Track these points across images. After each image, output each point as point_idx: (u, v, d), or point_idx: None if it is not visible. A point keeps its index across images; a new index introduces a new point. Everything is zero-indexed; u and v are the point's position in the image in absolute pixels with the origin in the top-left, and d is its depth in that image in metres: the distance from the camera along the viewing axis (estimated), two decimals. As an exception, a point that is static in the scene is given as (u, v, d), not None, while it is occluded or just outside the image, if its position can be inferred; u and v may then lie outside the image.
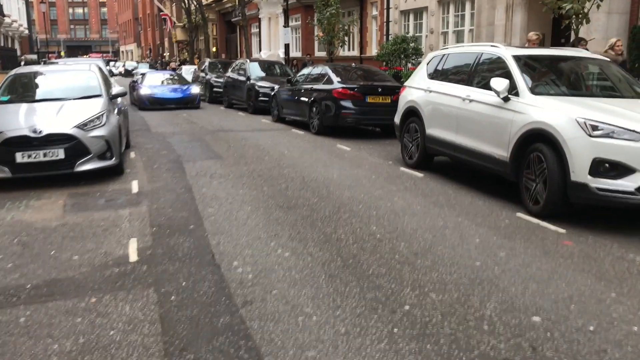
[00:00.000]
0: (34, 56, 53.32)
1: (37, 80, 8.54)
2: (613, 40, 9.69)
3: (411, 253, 4.59)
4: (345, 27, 19.75)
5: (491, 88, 6.32)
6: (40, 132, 6.85)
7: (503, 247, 4.73)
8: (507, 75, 6.39)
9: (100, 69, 9.07)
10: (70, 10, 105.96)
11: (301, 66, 19.63)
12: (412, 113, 8.23)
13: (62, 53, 78.08)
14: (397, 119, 8.72)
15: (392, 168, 8.21)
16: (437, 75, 8.05)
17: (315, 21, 20.28)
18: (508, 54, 6.68)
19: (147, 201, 6.33)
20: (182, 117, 15.34)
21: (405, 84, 9.17)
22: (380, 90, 11.33)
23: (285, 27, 23.72)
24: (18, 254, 4.71)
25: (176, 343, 3.19)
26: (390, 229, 5.22)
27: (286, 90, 13.79)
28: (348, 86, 11.32)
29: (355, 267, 4.28)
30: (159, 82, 18.83)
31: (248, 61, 18.80)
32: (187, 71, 26.79)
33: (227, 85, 18.70)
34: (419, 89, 8.22)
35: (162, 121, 14.47)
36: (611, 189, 5.06)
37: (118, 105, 8.68)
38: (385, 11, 19.37)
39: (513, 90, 6.22)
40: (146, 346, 3.17)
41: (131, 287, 3.98)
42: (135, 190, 6.88)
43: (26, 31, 54.75)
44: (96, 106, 7.63)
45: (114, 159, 7.41)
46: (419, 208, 5.98)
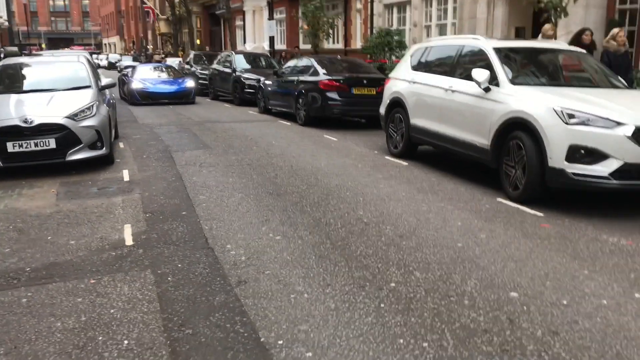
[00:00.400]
0: (15, 48, 52.63)
1: (26, 71, 8.59)
2: (616, 30, 9.07)
3: (396, 235, 4.80)
4: (329, 20, 19.89)
5: (473, 79, 6.54)
6: (31, 122, 6.94)
7: (484, 230, 4.96)
8: (488, 66, 6.62)
9: (88, 60, 9.14)
10: (51, 2, 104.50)
11: (289, 59, 19.73)
12: (397, 104, 8.43)
13: (43, 45, 77.10)
14: (382, 110, 8.93)
15: (378, 157, 8.42)
16: (421, 67, 8.26)
17: (300, 14, 20.39)
18: (489, 46, 6.91)
19: (139, 189, 6.47)
20: (169, 109, 15.43)
21: (389, 76, 9.37)
22: (365, 82, 11.52)
23: (270, 20, 23.78)
24: (15, 240, 4.83)
25: (175, 319, 3.36)
26: (376, 214, 5.42)
27: (272, 82, 13.93)
28: (334, 78, 11.50)
29: (343, 249, 4.48)
30: (152, 75, 17.59)
31: (233, 53, 18.88)
32: (172, 64, 26.76)
33: (213, 77, 18.76)
34: (403, 81, 8.42)
35: (149, 112, 14.52)
36: (586, 174, 5.31)
37: (106, 96, 8.77)
38: (369, 4, 19.53)
39: (494, 80, 6.44)
40: (146, 323, 3.34)
41: (128, 269, 4.14)
42: (126, 178, 7.02)
43: (6, 23, 54.02)
44: (86, 97, 7.73)
45: (105, 149, 7.52)
46: (404, 194, 6.19)
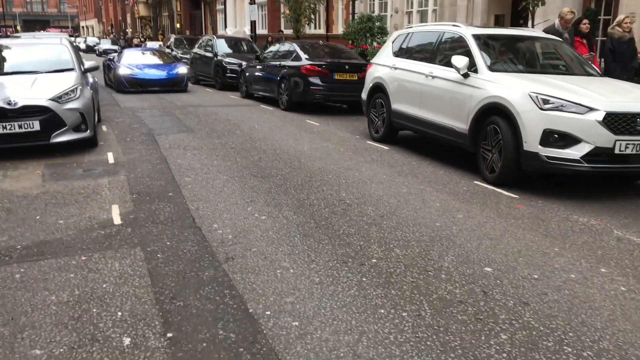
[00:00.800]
0: (-11, 30, 51.57)
1: (8, 53, 8.55)
2: (621, 16, 8.82)
3: (378, 215, 4.98)
4: (311, 6, 19.92)
5: (452, 65, 6.72)
6: (15, 104, 6.96)
7: (461, 210, 5.17)
8: (467, 53, 6.80)
9: (71, 43, 9.12)
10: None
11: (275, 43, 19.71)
12: (378, 89, 8.59)
13: (18, 27, 75.57)
14: (364, 95, 9.08)
15: (360, 142, 8.59)
16: (402, 53, 8.42)
17: (282, -1, 20.40)
18: (468, 33, 7.09)
19: (124, 171, 6.55)
20: (151, 92, 15.35)
21: (371, 61, 9.51)
22: (347, 67, 11.65)
23: (251, 5, 23.70)
24: (3, 219, 4.91)
25: (166, 293, 3.51)
26: (358, 195, 5.60)
27: (254, 66, 13.98)
28: (316, 63, 11.61)
29: (327, 228, 4.65)
30: (141, 60, 16.24)
31: (215, 37, 18.82)
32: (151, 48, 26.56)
33: (194, 61, 18.71)
34: (385, 66, 8.58)
35: (131, 96, 14.48)
36: (559, 158, 5.54)
37: (89, 79, 8.78)
38: (351, -10, 19.62)
39: (472, 67, 6.63)
40: (138, 296, 3.47)
41: (118, 247, 4.26)
42: (111, 161, 7.09)
43: (-20, 4, 52.84)
44: (70, 79, 7.75)
45: (89, 131, 7.56)
46: (385, 177, 6.38)
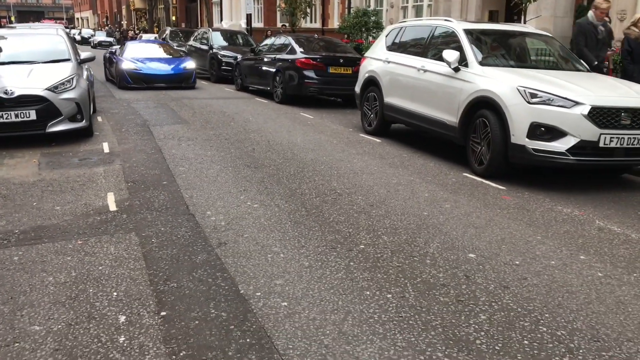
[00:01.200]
0: (-16, 21, 51.33)
1: (5, 43, 8.60)
2: (638, 15, 8.38)
3: (367, 205, 5.11)
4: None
5: (443, 59, 6.85)
6: (11, 94, 7.05)
7: (448, 201, 5.31)
8: (459, 47, 6.93)
9: (67, 34, 9.20)
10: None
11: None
12: (372, 82, 8.71)
13: (12, 18, 75.25)
14: (358, 88, 9.20)
15: (353, 134, 8.72)
16: (395, 47, 8.54)
17: (278, -8, 20.44)
18: (460, 28, 7.21)
19: (120, 160, 6.66)
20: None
21: (365, 55, 9.63)
22: (342, 61, 11.76)
23: (247, -3, 23.75)
24: (1, 205, 5.01)
25: (160, 275, 3.63)
26: (349, 185, 5.73)
27: (250, 59, 14.07)
28: (311, 56, 11.71)
29: (317, 216, 4.78)
30: (145, 54, 15.15)
31: (210, 30, 18.89)
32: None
33: (190, 54, 18.70)
34: (378, 60, 8.70)
35: (126, 88, 14.53)
36: (546, 150, 5.69)
37: (85, 70, 8.86)
38: (347, -16, 19.68)
39: (463, 61, 6.76)
40: (133, 278, 3.59)
41: (114, 232, 4.37)
42: (106, 150, 7.19)
43: (-25, -6, 52.61)
44: (66, 70, 7.84)
45: (84, 121, 7.65)
46: (376, 168, 6.51)
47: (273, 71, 12.53)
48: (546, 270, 3.80)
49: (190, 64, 15.05)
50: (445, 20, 7.91)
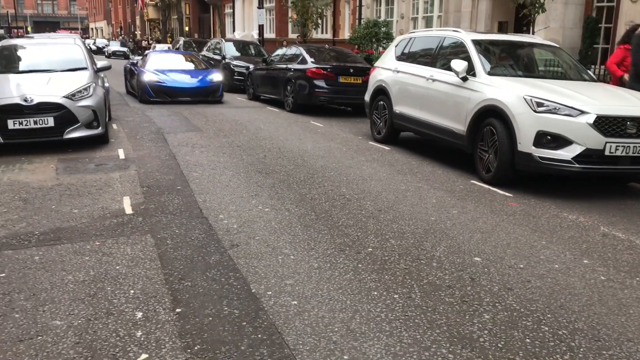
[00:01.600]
0: (1, 31, 52.24)
1: (25, 52, 8.87)
2: None
3: (376, 210, 5.23)
4: (319, 10, 20.21)
5: (452, 69, 6.97)
6: (31, 101, 7.26)
7: (456, 207, 5.41)
8: (467, 57, 7.05)
9: (84, 43, 9.43)
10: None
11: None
12: (381, 92, 8.85)
13: (29, 28, 76.37)
14: (367, 97, 9.35)
15: (362, 142, 8.85)
16: (405, 57, 8.68)
17: (289, 3, 20.68)
18: (468, 39, 7.34)
19: (135, 166, 6.83)
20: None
21: (375, 65, 9.78)
22: (352, 71, 11.92)
23: (259, 9, 24.04)
24: (21, 208, 5.19)
25: (175, 274, 3.77)
26: (358, 191, 5.86)
27: (261, 69, 14.28)
28: (322, 66, 11.88)
29: (326, 220, 4.90)
30: (169, 66, 14.04)
31: (223, 41, 19.16)
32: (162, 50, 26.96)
33: (203, 64, 19.01)
34: (388, 70, 8.84)
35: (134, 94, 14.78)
36: (552, 158, 5.78)
37: (101, 78, 9.08)
38: (358, -5, 19.91)
39: (471, 71, 6.88)
40: (149, 277, 3.73)
41: (130, 234, 4.52)
42: (122, 156, 7.37)
43: (-7, 5, 53.59)
44: (83, 78, 8.05)
45: (101, 128, 7.85)
46: (385, 175, 6.63)
47: (284, 80, 12.71)
48: (550, 273, 3.89)
49: (217, 76, 14.04)
50: (453, 30, 8.05)
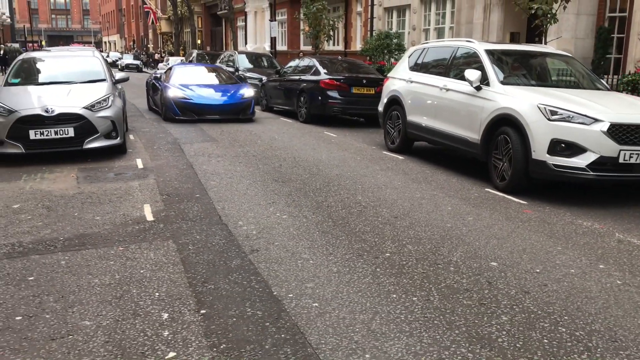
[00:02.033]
0: (16, 45, 53.08)
1: (45, 65, 9.08)
2: None
3: (392, 216, 5.31)
4: (331, 22, 20.42)
5: (465, 79, 7.06)
6: (52, 112, 7.43)
7: (471, 214, 5.48)
8: (480, 67, 7.14)
9: (102, 56, 9.63)
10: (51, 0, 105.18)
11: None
12: (395, 101, 8.95)
13: (43, 42, 77.46)
14: (381, 107, 9.45)
15: (376, 151, 8.94)
16: (418, 67, 8.78)
17: (301, 16, 20.92)
18: (481, 49, 7.43)
19: (154, 175, 6.96)
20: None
21: (388, 75, 9.89)
22: (364, 81, 12.04)
23: (272, 21, 24.32)
24: (45, 215, 5.32)
25: (198, 278, 3.86)
26: (373, 199, 5.94)
27: (274, 81, 14.44)
28: (334, 77, 12.02)
29: (344, 226, 4.99)
30: (195, 80, 12.90)
31: (236, 53, 19.39)
32: (174, 62, 27.30)
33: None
34: (401, 80, 8.94)
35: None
36: (566, 166, 5.83)
37: (119, 90, 9.26)
38: (369, 8, 20.08)
39: (485, 80, 6.96)
40: (173, 280, 3.83)
41: (152, 239, 4.63)
42: (140, 166, 7.51)
43: (9, 20, 54.53)
44: (102, 89, 8.23)
45: (119, 139, 8.01)
46: (399, 183, 6.71)
47: (298, 92, 12.85)
48: (566, 277, 3.94)
49: (248, 92, 12.71)
50: (467, 41, 8.14)
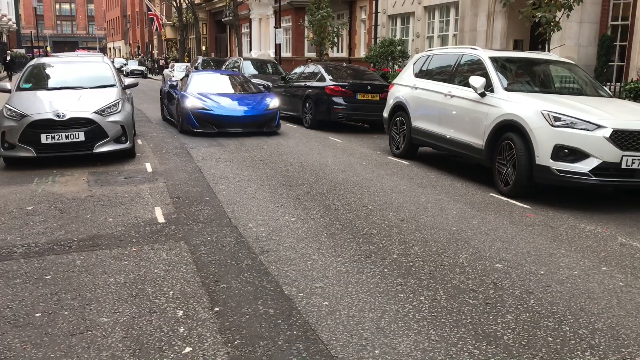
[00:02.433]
0: (22, 51, 53.35)
1: (55, 70, 9.23)
2: None
3: (398, 220, 5.41)
4: (335, 30, 20.57)
5: (470, 85, 7.18)
6: (63, 116, 7.57)
7: (476, 217, 5.58)
8: (484, 74, 7.25)
9: (112, 62, 9.78)
10: (57, 5, 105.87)
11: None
12: (400, 108, 9.06)
13: (48, 48, 77.90)
14: (386, 113, 9.56)
15: (381, 157, 9.05)
16: (423, 74, 8.90)
17: (306, 23, 21.08)
18: (485, 56, 7.55)
19: (163, 179, 7.08)
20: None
21: (393, 82, 10.01)
22: (369, 88, 12.17)
23: (277, 28, 24.49)
24: (58, 217, 5.44)
25: (210, 277, 3.97)
26: (380, 203, 6.04)
27: (280, 87, 14.57)
28: (340, 84, 12.14)
29: (351, 229, 5.09)
30: (215, 89, 11.68)
31: (242, 59, 19.54)
32: (179, 68, 27.51)
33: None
34: (406, 86, 9.06)
35: (159, 112, 15.11)
36: (569, 171, 5.93)
37: (128, 95, 9.40)
38: (373, 15, 20.23)
39: (489, 87, 7.07)
40: (186, 279, 3.94)
41: (164, 241, 4.74)
42: (149, 170, 7.63)
43: (15, 26, 54.94)
44: (111, 95, 8.37)
45: (128, 143, 8.13)
46: (405, 188, 6.81)
47: (303, 98, 12.98)
48: (569, 279, 4.04)
49: (274, 102, 11.55)
50: (471, 48, 8.27)
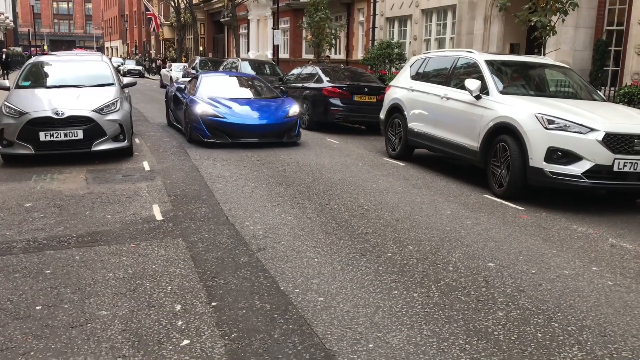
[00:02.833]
0: (19, 49, 53.27)
1: (54, 69, 9.28)
2: None
3: (393, 219, 5.49)
4: (333, 31, 20.66)
5: (466, 88, 7.27)
6: (62, 114, 7.62)
7: (469, 218, 5.66)
8: (480, 77, 7.35)
9: (110, 61, 9.83)
10: (54, 4, 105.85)
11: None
12: (396, 109, 9.15)
13: (45, 47, 77.79)
14: (382, 115, 9.64)
15: (377, 158, 9.13)
16: (419, 76, 8.99)
17: (304, 24, 21.17)
18: (481, 59, 7.64)
19: (161, 177, 7.14)
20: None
21: (390, 84, 10.10)
22: (366, 90, 12.25)
23: (274, 30, 24.58)
24: (57, 214, 5.49)
25: (208, 273, 4.04)
26: (375, 203, 6.12)
27: (277, 88, 14.62)
28: (337, 85, 12.22)
29: (347, 228, 5.17)
30: (228, 93, 10.51)
31: (239, 60, 19.59)
32: (177, 68, 27.55)
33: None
34: (403, 88, 9.15)
35: (158, 112, 15.19)
36: (562, 173, 6.02)
37: (126, 94, 9.45)
38: (371, 17, 20.33)
39: (484, 90, 7.16)
40: (184, 275, 4.00)
41: (162, 237, 4.80)
42: (147, 168, 7.69)
43: (12, 24, 54.83)
44: (110, 93, 8.42)
45: (126, 141, 8.18)
46: (400, 188, 6.89)
47: (300, 99, 13.02)
48: (560, 278, 4.12)
49: (294, 108, 10.27)
50: (467, 51, 8.36)
